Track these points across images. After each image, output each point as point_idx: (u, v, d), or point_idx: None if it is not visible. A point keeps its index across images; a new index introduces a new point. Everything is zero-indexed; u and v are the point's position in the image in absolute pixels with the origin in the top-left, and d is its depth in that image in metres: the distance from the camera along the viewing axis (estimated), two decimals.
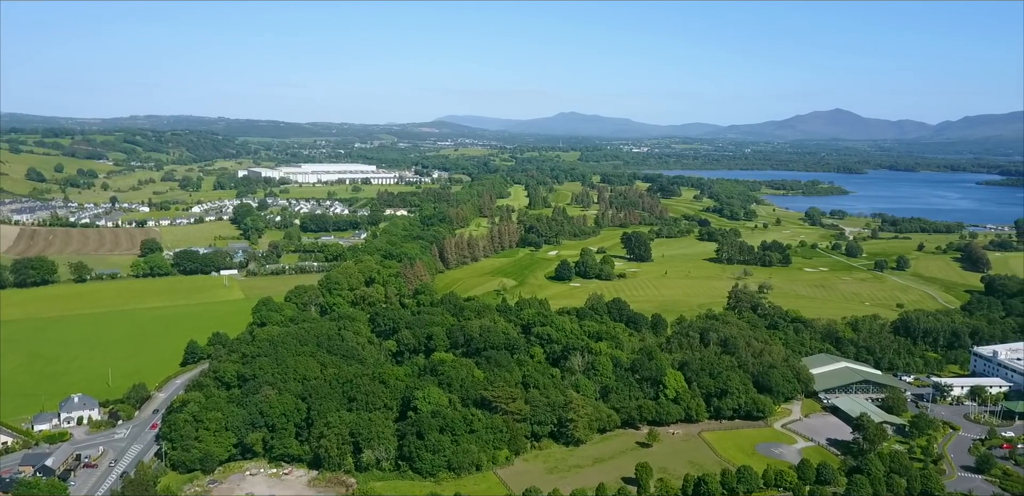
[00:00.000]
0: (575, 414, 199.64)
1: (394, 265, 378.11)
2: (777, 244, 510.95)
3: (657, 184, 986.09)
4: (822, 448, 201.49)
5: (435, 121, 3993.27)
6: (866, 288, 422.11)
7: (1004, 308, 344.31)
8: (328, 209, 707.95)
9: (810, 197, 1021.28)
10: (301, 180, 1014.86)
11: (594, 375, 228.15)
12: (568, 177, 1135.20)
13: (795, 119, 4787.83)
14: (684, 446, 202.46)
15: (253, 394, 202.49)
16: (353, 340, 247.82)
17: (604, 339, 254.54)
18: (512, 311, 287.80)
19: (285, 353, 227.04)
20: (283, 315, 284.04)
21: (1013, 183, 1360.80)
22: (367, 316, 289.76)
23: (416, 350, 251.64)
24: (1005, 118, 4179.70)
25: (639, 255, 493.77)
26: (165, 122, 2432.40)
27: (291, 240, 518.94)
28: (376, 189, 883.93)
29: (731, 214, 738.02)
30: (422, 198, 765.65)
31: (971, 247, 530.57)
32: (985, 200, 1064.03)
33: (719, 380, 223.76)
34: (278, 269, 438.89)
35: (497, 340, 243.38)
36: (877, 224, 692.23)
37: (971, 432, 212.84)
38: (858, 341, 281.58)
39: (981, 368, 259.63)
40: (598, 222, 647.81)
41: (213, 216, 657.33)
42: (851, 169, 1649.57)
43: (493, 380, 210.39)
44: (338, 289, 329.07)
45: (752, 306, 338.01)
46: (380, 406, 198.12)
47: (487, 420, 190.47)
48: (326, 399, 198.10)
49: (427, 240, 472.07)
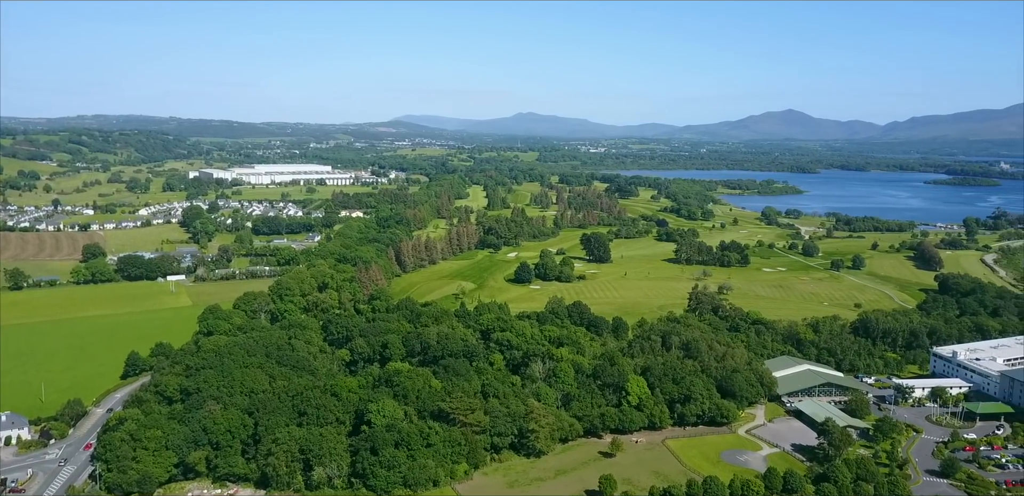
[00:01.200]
0: (536, 424, 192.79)
1: (349, 269, 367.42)
2: (735, 244, 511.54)
3: (615, 184, 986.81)
4: (787, 454, 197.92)
5: (392, 121, 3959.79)
6: (824, 288, 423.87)
7: (958, 307, 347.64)
8: (281, 211, 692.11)
9: (766, 196, 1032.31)
10: (254, 181, 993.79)
11: (555, 382, 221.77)
12: (527, 177, 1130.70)
13: (749, 119, 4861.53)
14: (648, 455, 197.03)
15: (196, 409, 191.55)
16: (304, 350, 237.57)
17: (565, 344, 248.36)
18: (471, 316, 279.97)
19: (232, 364, 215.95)
20: (231, 323, 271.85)
21: (959, 182, 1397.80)
22: (320, 324, 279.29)
23: (371, 359, 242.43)
24: (950, 119, 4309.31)
25: (598, 256, 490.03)
26: (114, 122, 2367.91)
27: (242, 243, 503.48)
28: (331, 190, 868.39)
29: (688, 214, 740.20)
30: (378, 199, 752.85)
31: (923, 246, 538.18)
32: (934, 199, 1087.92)
33: (682, 386, 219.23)
34: (228, 274, 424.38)
35: (455, 347, 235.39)
36: (832, 223, 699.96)
37: (934, 434, 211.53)
38: (819, 343, 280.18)
39: (941, 369, 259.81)
40: (557, 223, 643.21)
41: (161, 219, 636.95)
42: (804, 169, 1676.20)
43: (451, 390, 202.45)
44: (290, 295, 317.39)
45: (713, 308, 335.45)
46: (332, 420, 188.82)
47: (445, 433, 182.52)
48: (275, 413, 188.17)
49: (383, 243, 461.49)
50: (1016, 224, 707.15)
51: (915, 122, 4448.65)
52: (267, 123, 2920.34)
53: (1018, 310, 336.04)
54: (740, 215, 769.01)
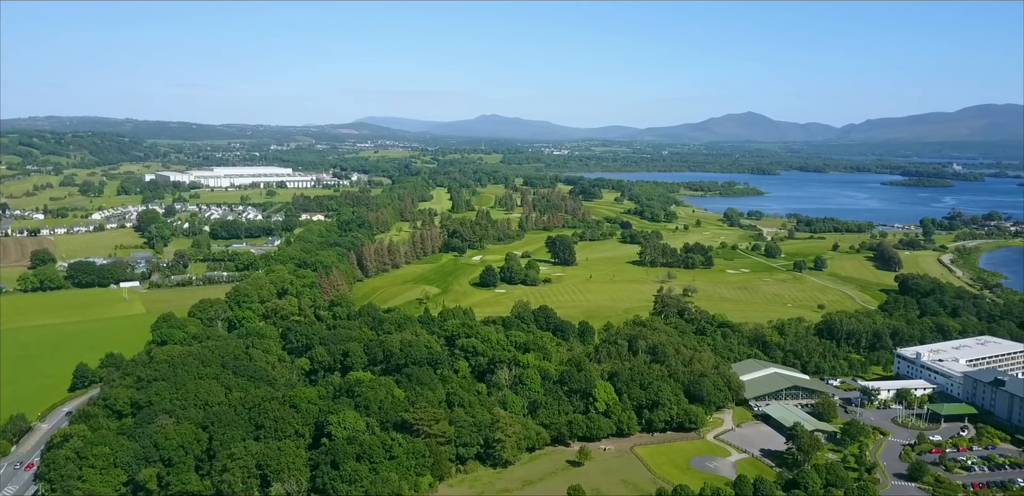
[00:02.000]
0: (503, 434, 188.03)
1: (309, 274, 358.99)
2: (699, 246, 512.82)
3: (579, 186, 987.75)
4: (756, 460, 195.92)
5: (355, 122, 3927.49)
6: (787, 289, 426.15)
7: (919, 307, 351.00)
8: (241, 215, 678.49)
9: (727, 198, 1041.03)
10: (213, 184, 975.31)
11: (522, 389, 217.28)
12: (491, 180, 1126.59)
13: (709, 121, 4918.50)
14: (617, 463, 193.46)
15: (148, 424, 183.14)
16: (262, 359, 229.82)
17: (531, 350, 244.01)
18: (435, 322, 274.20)
19: (186, 376, 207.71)
20: (186, 332, 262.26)
21: (914, 183, 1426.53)
22: (279, 331, 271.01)
23: (331, 368, 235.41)
24: (904, 121, 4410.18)
25: (564, 259, 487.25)
26: (67, 123, 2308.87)
27: (199, 248, 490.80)
28: (292, 193, 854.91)
29: (652, 216, 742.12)
30: (340, 202, 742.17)
31: (883, 246, 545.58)
32: (890, 200, 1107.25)
33: (650, 391, 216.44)
34: (184, 280, 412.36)
35: (419, 355, 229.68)
36: (793, 224, 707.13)
37: (900, 437, 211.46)
38: (785, 345, 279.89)
39: (905, 370, 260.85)
40: (522, 225, 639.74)
41: (115, 223, 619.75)
42: (765, 170, 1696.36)
43: (415, 400, 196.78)
44: (248, 302, 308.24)
45: (679, 311, 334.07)
46: (291, 433, 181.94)
47: (408, 445, 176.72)
48: (230, 427, 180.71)
49: (345, 247, 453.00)
50: (970, 224, 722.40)
51: (870, 124, 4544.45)
52: (226, 125, 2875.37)
53: (976, 310, 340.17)
54: (703, 216, 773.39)
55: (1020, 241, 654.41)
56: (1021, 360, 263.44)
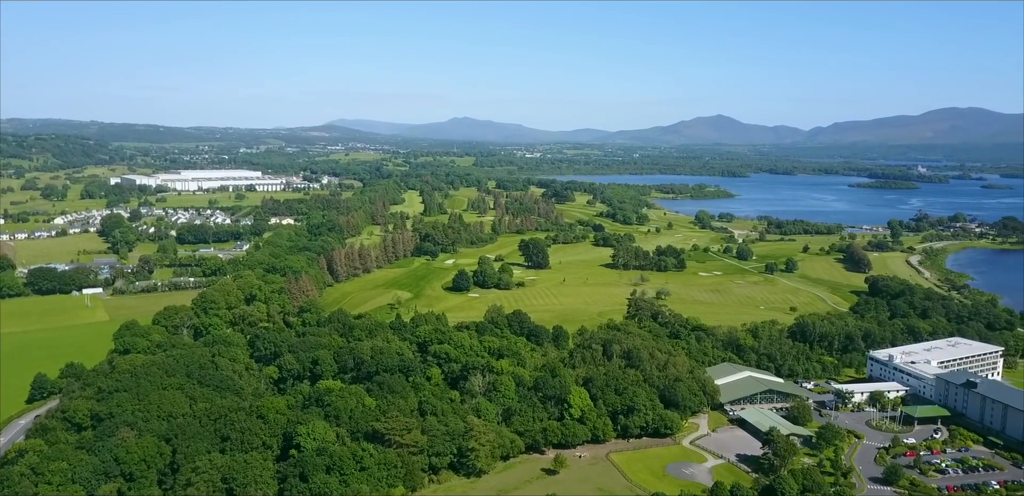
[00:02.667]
0: (476, 443, 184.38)
1: (278, 280, 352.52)
2: (671, 249, 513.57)
3: (551, 189, 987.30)
4: (733, 466, 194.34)
5: (326, 125, 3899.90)
6: (759, 291, 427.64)
7: (889, 308, 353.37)
8: (208, 219, 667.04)
9: (698, 200, 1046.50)
10: (180, 188, 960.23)
11: (496, 396, 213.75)
12: (463, 182, 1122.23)
13: (680, 124, 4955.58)
14: (592, 471, 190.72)
15: (108, 437, 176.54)
16: (229, 368, 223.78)
17: (505, 356, 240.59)
18: (407, 328, 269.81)
19: (149, 386, 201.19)
20: (150, 341, 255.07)
21: (881, 185, 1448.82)
22: (246, 339, 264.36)
23: (300, 376, 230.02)
24: (870, 124, 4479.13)
25: (537, 262, 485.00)
26: (30, 126, 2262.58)
27: (166, 253, 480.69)
28: (261, 196, 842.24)
29: (624, 219, 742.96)
30: (310, 205, 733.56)
31: (852, 248, 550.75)
32: (858, 202, 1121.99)
33: (625, 396, 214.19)
34: (149, 286, 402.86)
35: (391, 362, 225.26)
36: (763, 226, 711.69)
37: (875, 440, 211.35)
38: (759, 348, 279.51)
39: (877, 372, 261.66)
40: (495, 229, 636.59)
41: (78, 228, 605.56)
42: (735, 173, 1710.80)
43: (386, 409, 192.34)
44: (215, 308, 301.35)
45: (652, 314, 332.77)
46: (258, 445, 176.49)
47: (379, 455, 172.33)
48: (195, 439, 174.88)
49: (315, 251, 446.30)
50: (937, 226, 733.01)
51: (838, 127, 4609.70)
52: (195, 128, 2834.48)
53: (946, 311, 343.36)
54: (674, 219, 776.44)
55: (985, 242, 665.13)
56: (991, 361, 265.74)
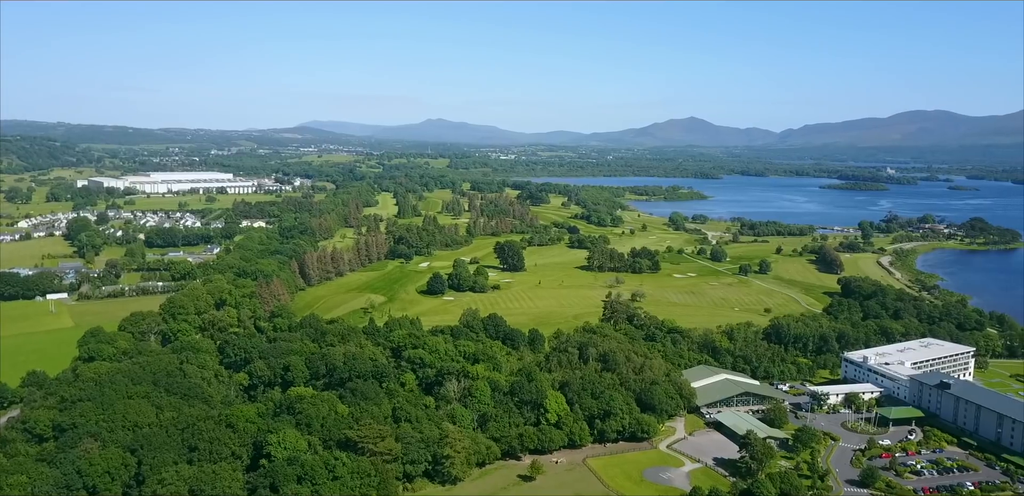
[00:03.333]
0: (451, 450, 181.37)
1: (248, 284, 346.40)
2: (646, 250, 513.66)
3: (526, 191, 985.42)
4: (710, 469, 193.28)
5: (298, 126, 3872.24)
6: (734, 293, 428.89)
7: (862, 310, 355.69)
8: (178, 222, 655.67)
9: (672, 202, 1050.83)
10: (149, 190, 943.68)
11: (471, 402, 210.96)
12: (438, 184, 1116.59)
13: (653, 127, 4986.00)
14: (569, 477, 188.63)
15: (71, 448, 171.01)
16: (198, 375, 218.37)
17: (481, 361, 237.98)
18: (381, 333, 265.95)
19: (114, 395, 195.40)
20: (116, 347, 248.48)
21: (851, 187, 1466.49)
22: (216, 345, 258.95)
23: (271, 383, 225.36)
24: (839, 127, 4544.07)
25: (512, 265, 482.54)
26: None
27: (133, 257, 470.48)
28: (232, 199, 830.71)
29: (599, 221, 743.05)
30: (282, 208, 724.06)
31: (825, 249, 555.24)
32: (828, 203, 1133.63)
33: (602, 401, 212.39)
34: (116, 291, 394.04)
35: (364, 368, 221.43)
36: (737, 228, 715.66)
37: (850, 442, 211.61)
38: (734, 350, 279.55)
39: (852, 374, 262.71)
40: (470, 231, 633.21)
41: (43, 232, 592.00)
42: (707, 174, 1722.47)
43: (359, 416, 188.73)
44: (183, 314, 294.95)
45: (628, 317, 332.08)
46: (227, 455, 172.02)
47: (352, 464, 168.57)
48: (161, 450, 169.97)
49: (286, 254, 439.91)
50: (906, 227, 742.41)
51: (808, 129, 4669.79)
52: (165, 129, 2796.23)
53: (917, 312, 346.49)
54: (648, 221, 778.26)
55: (953, 243, 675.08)
56: (963, 361, 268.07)
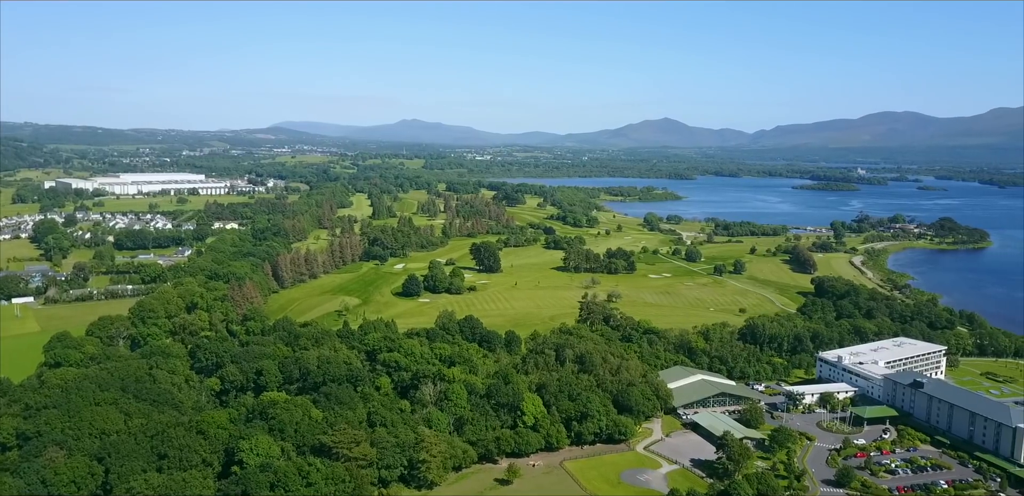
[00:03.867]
0: (427, 454, 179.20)
1: (220, 287, 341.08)
2: (622, 251, 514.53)
3: (502, 192, 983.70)
4: (687, 471, 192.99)
5: (271, 127, 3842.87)
6: (709, 293, 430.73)
7: (835, 309, 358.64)
8: (149, 223, 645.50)
9: (647, 203, 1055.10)
10: (119, 191, 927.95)
11: (447, 405, 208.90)
12: (413, 185, 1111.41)
13: (627, 128, 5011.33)
14: (546, 480, 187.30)
15: (35, 457, 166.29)
16: (168, 380, 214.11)
17: (457, 363, 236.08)
18: (355, 336, 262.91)
19: (80, 402, 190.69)
20: (83, 353, 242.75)
21: (823, 187, 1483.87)
22: (187, 349, 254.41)
23: (244, 388, 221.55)
24: (811, 127, 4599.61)
25: (489, 266, 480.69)
26: None
27: (102, 260, 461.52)
28: (204, 200, 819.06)
29: (574, 221, 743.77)
30: (255, 209, 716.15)
31: (798, 249, 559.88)
32: (801, 203, 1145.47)
33: (579, 402, 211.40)
34: (84, 295, 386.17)
35: (338, 372, 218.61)
36: (711, 228, 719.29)
37: (826, 441, 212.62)
38: (710, 351, 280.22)
39: (826, 373, 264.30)
40: (446, 232, 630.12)
41: (8, 234, 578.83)
42: (681, 175, 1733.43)
43: (334, 421, 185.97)
44: (153, 317, 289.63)
45: (604, 317, 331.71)
46: (197, 462, 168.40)
47: (326, 470, 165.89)
48: (129, 458, 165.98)
49: (259, 256, 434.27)
50: (878, 227, 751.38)
51: (780, 130, 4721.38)
52: (135, 130, 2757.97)
53: (889, 311, 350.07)
54: (624, 221, 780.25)
55: (923, 243, 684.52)
56: (935, 360, 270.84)
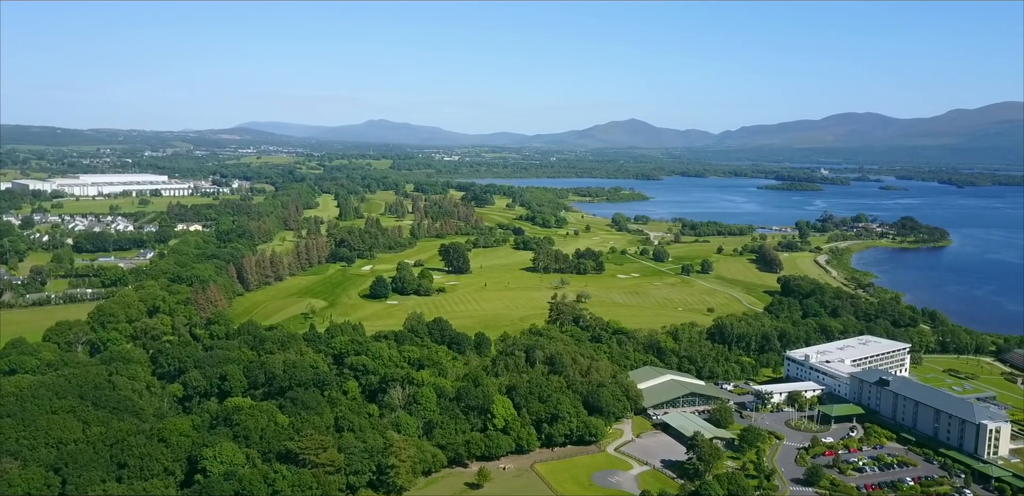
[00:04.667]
0: (396, 459, 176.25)
1: (184, 290, 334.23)
2: (591, 251, 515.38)
3: (471, 193, 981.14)
4: (658, 472, 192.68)
5: (236, 127, 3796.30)
6: (677, 293, 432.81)
7: (801, 308, 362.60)
8: (109, 226, 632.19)
9: (615, 203, 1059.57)
10: (79, 193, 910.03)
11: (416, 409, 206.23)
12: (380, 186, 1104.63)
13: (595, 128, 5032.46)
14: (517, 483, 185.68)
15: None
16: (128, 387, 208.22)
17: (426, 366, 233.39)
18: (322, 339, 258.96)
19: (36, 410, 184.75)
20: (39, 359, 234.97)
21: (787, 187, 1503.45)
22: (148, 355, 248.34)
23: (207, 394, 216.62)
24: (775, 128, 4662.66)
25: (458, 267, 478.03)
26: None
27: (61, 263, 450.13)
28: (167, 202, 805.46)
29: (543, 222, 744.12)
30: (219, 211, 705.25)
31: (764, 249, 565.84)
32: (766, 203, 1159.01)
33: (549, 404, 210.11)
34: (42, 299, 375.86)
35: (305, 376, 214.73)
36: (678, 228, 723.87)
37: (794, 440, 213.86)
38: (679, 351, 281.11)
39: (794, 372, 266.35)
40: (414, 233, 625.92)
41: None
42: (648, 175, 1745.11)
43: (300, 427, 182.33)
44: (113, 322, 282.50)
45: (574, 318, 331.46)
46: (159, 471, 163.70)
47: (293, 477, 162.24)
48: (88, 468, 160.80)
49: (224, 259, 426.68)
50: (841, 226, 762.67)
51: (745, 131, 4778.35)
52: (96, 130, 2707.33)
53: (854, 310, 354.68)
54: (592, 222, 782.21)
55: (886, 241, 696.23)
56: (899, 358, 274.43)
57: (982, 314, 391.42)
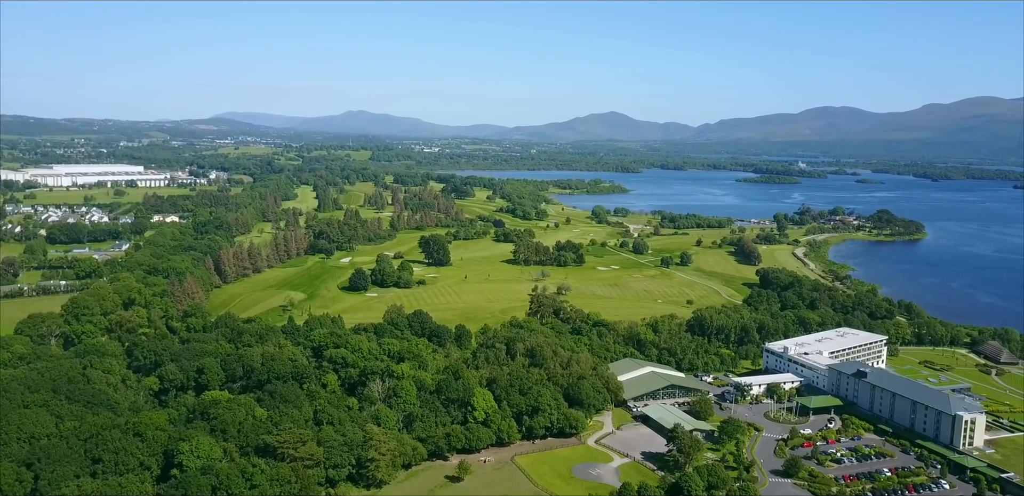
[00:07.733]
0: (376, 452, 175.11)
1: (160, 282, 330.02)
2: (571, 244, 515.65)
3: (451, 185, 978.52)
4: (639, 464, 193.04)
5: (214, 118, 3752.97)
6: (656, 285, 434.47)
7: (780, 300, 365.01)
8: (84, 216, 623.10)
9: (594, 196, 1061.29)
10: (52, 183, 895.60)
11: (396, 402, 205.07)
12: (360, 177, 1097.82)
13: (575, 121, 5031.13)
14: (498, 476, 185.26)
15: None
16: (102, 381, 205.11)
17: (406, 359, 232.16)
18: (300, 332, 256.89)
19: (7, 405, 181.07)
20: (11, 352, 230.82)
21: (766, 180, 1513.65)
22: (123, 348, 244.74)
23: (184, 387, 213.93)
24: (753, 122, 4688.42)
25: (438, 259, 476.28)
26: None
27: (33, 255, 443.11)
28: (143, 192, 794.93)
29: (524, 214, 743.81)
30: (196, 202, 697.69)
31: (743, 241, 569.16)
32: (745, 196, 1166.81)
33: (530, 397, 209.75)
34: (14, 291, 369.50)
35: (283, 369, 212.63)
36: (658, 221, 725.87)
37: (773, 432, 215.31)
38: (659, 343, 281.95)
39: (773, 364, 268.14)
40: (394, 225, 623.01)
41: None
42: (628, 168, 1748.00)
43: (279, 420, 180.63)
44: (88, 314, 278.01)
45: (554, 310, 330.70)
46: (135, 466, 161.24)
47: (271, 471, 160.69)
48: (61, 463, 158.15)
49: (201, 250, 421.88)
50: (819, 219, 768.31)
51: (724, 124, 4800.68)
52: (70, 119, 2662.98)
53: (832, 302, 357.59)
54: (572, 214, 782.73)
55: (862, 234, 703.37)
56: (876, 350, 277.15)
57: (957, 306, 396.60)
